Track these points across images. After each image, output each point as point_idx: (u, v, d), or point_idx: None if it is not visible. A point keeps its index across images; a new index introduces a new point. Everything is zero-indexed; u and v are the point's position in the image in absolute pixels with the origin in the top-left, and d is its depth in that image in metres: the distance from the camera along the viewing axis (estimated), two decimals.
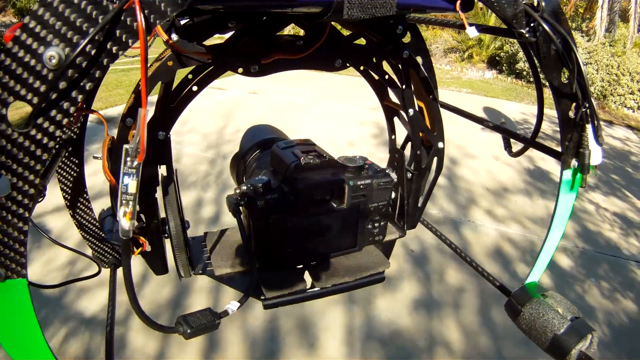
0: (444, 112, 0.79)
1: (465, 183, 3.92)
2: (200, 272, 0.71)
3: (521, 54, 8.45)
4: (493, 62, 9.87)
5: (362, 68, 0.72)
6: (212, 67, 0.59)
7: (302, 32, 0.64)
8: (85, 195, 0.72)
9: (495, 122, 0.79)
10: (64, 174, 0.69)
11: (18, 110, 0.54)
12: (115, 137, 0.54)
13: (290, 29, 0.93)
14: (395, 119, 0.84)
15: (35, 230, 0.58)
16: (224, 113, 5.58)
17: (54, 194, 0.70)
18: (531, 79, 8.26)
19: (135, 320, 2.00)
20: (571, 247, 3.08)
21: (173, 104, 0.58)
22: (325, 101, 6.63)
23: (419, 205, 0.84)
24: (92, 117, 0.64)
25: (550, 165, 4.36)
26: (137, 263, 0.64)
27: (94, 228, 0.75)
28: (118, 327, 2.05)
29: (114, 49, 0.36)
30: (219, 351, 2.03)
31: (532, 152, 0.69)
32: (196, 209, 3.23)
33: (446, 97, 0.65)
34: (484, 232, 3.13)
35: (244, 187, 0.64)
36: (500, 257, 2.89)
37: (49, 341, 0.42)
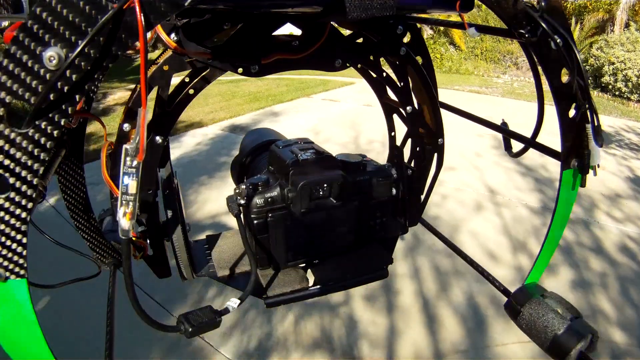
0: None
1: (583, 190, 4.12)
2: (203, 273, 0.71)
3: (607, 67, 8.34)
4: None
5: (359, 66, 0.72)
6: (208, 70, 0.58)
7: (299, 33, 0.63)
8: (85, 195, 0.72)
9: (495, 123, 0.79)
10: (64, 174, 0.69)
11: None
12: (114, 143, 0.54)
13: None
14: (395, 117, 0.84)
15: (35, 230, 0.58)
16: (349, 124, 5.77)
17: (54, 194, 0.70)
18: (616, 93, 8.15)
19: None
20: None
21: (170, 108, 0.58)
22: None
23: (421, 201, 0.84)
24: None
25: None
26: (137, 262, 0.64)
27: (93, 228, 0.75)
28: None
29: (114, 49, 0.36)
30: None
31: None
32: None
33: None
34: (608, 230, 3.54)
35: (243, 187, 0.64)
36: (625, 250, 3.31)
37: (48, 341, 0.42)
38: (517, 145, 0.76)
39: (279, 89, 8.00)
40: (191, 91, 0.59)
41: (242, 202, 0.64)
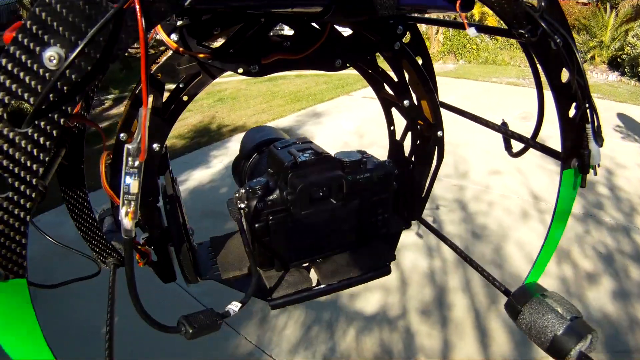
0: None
1: (622, 193, 3.95)
2: (207, 276, 0.71)
3: None
4: (614, 64, 8.91)
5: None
6: (202, 75, 0.58)
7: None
8: (85, 195, 0.72)
9: (495, 122, 0.79)
10: (64, 174, 0.69)
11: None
12: (112, 153, 0.54)
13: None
14: (396, 113, 0.84)
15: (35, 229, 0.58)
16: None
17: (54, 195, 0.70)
18: None
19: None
20: None
21: (165, 116, 0.58)
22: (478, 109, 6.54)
23: (422, 195, 0.84)
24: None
25: None
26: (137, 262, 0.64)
27: (93, 228, 0.75)
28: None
29: (114, 49, 0.36)
30: None
31: None
32: None
33: None
34: None
35: (243, 191, 0.64)
36: None
37: (48, 341, 0.42)
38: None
39: (319, 87, 7.65)
40: (185, 98, 0.59)
41: (243, 206, 0.64)
